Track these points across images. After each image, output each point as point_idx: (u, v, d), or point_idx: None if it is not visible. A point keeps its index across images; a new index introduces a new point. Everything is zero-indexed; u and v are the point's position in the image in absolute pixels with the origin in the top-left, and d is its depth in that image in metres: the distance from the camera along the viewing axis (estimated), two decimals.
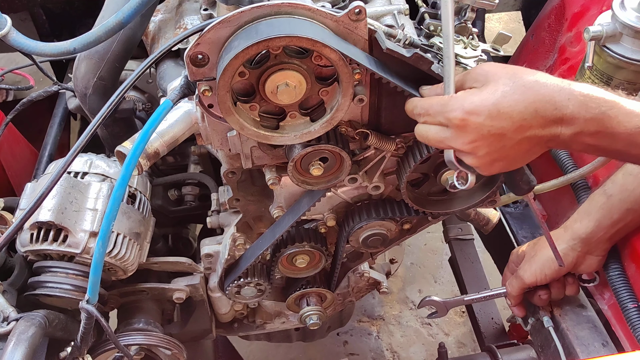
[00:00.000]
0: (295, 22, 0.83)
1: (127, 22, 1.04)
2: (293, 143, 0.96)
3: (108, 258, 1.13)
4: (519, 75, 0.84)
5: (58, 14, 1.85)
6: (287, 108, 0.92)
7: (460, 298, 1.31)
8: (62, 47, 1.08)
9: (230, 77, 0.83)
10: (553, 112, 0.83)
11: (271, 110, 0.93)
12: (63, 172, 0.92)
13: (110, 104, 0.92)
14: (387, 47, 0.88)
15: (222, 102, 0.86)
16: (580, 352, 1.28)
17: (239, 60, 0.81)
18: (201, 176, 1.42)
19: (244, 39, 0.81)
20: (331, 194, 1.14)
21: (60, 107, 1.76)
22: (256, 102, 0.90)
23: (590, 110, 0.83)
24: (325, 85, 0.91)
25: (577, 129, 0.84)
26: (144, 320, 1.32)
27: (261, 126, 0.92)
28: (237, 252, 1.26)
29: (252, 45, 0.79)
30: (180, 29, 1.28)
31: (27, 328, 1.01)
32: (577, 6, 1.62)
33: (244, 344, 2.11)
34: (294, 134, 0.93)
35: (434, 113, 0.88)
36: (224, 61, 0.81)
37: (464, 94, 0.86)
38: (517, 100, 0.83)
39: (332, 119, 0.92)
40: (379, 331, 2.43)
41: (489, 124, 0.83)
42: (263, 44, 0.80)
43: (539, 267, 1.24)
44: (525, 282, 1.27)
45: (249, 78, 0.87)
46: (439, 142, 0.90)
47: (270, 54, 0.85)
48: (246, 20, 0.83)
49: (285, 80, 0.87)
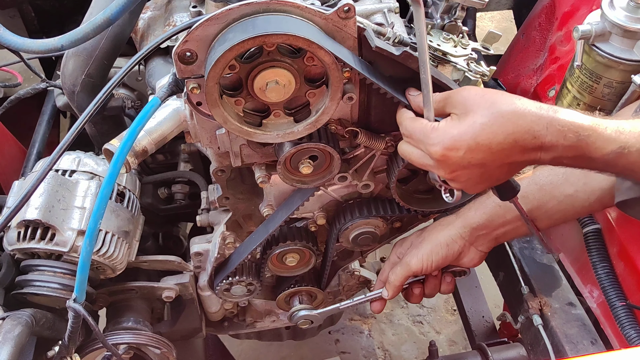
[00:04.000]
0: (292, 20, 0.82)
1: (115, 18, 1.03)
2: (275, 142, 0.96)
3: (96, 256, 1.12)
4: (497, 104, 0.85)
5: (47, 10, 1.84)
6: (272, 106, 0.92)
7: (336, 306, 1.29)
8: (50, 44, 1.07)
9: (221, 69, 0.82)
10: (532, 141, 0.84)
11: (256, 107, 0.92)
12: (49, 169, 0.91)
13: (97, 101, 0.92)
14: (376, 45, 0.88)
15: (210, 93, 0.84)
16: (569, 350, 1.29)
17: (233, 53, 0.80)
18: (191, 174, 1.42)
19: (240, 32, 0.80)
20: (321, 193, 1.14)
21: (49, 104, 1.75)
22: (242, 97, 0.89)
23: (569, 139, 0.84)
24: (313, 87, 0.90)
25: (556, 154, 0.86)
26: (133, 319, 1.31)
27: (244, 122, 0.91)
28: (227, 251, 1.26)
29: (249, 39, 0.79)
30: (169, 26, 1.27)
31: (14, 327, 1.00)
32: (567, 5, 1.63)
33: (235, 343, 2.10)
34: (277, 132, 0.92)
35: (416, 140, 0.91)
36: (217, 52, 0.80)
37: (444, 126, 0.87)
38: (495, 133, 0.84)
39: (316, 122, 0.92)
40: (371, 329, 2.43)
41: (468, 156, 0.85)
42: (260, 39, 0.79)
43: (426, 254, 1.17)
44: (412, 269, 1.18)
45: (239, 72, 0.86)
46: (422, 165, 0.93)
47: (263, 50, 0.85)
48: (234, 18, 0.82)
49: (275, 78, 0.86)
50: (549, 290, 1.43)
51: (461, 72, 1.03)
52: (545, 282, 1.45)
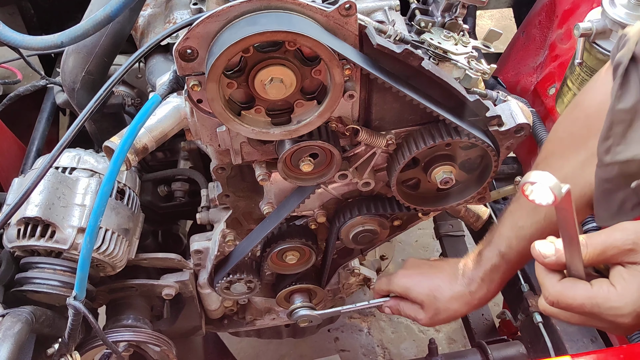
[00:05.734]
0: (294, 18, 0.82)
1: (115, 15, 1.03)
2: (247, 136, 0.95)
3: (96, 254, 1.12)
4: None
5: (46, 7, 1.84)
6: (257, 101, 0.91)
7: (337, 310, 1.29)
8: (50, 41, 1.07)
9: (226, 60, 0.81)
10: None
11: (241, 96, 0.91)
12: (49, 166, 0.91)
13: (98, 98, 0.91)
14: (377, 43, 0.88)
15: (217, 68, 0.82)
16: (569, 348, 1.29)
17: (241, 45, 0.79)
18: (191, 172, 1.41)
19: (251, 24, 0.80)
20: (321, 190, 1.14)
21: (49, 101, 1.74)
22: (237, 81, 0.88)
23: None
24: (303, 98, 0.91)
25: None
26: (132, 317, 1.31)
27: (227, 106, 0.89)
28: (226, 249, 1.26)
29: (261, 33, 0.78)
30: (170, 23, 1.27)
31: (14, 324, 1.00)
32: (568, 3, 1.63)
33: (234, 341, 2.10)
34: (252, 128, 0.91)
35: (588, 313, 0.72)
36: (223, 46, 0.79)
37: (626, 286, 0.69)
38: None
39: (294, 131, 0.92)
40: (370, 327, 2.43)
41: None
42: (267, 35, 0.79)
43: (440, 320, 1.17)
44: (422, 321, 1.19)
45: (249, 58, 0.85)
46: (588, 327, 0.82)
47: (282, 47, 0.84)
48: (235, 15, 0.82)
49: (282, 77, 0.86)
50: None
51: (462, 70, 1.03)
52: None
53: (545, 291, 0.76)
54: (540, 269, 0.77)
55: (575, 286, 0.72)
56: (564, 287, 0.73)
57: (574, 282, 0.73)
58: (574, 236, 0.68)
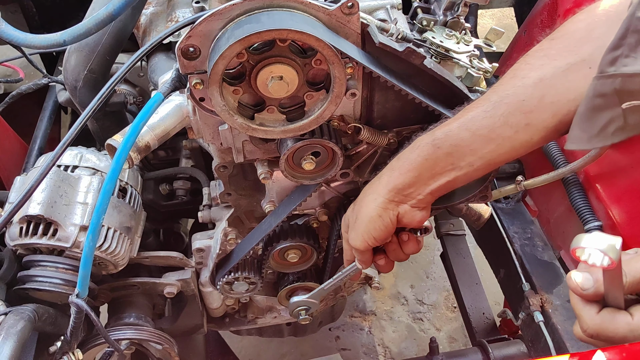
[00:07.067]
0: (297, 16, 0.82)
1: (117, 14, 1.04)
2: (276, 137, 0.95)
3: (98, 252, 1.12)
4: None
5: (48, 6, 1.84)
6: (267, 102, 0.91)
7: (321, 287, 1.28)
8: (52, 39, 1.07)
9: (230, 57, 0.81)
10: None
11: (251, 100, 0.91)
12: (52, 165, 0.91)
13: (100, 97, 0.91)
14: (379, 41, 0.88)
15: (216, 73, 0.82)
16: (570, 347, 1.29)
17: (243, 45, 0.79)
18: (193, 170, 1.42)
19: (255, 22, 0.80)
20: (323, 189, 1.14)
21: (51, 100, 1.75)
22: (241, 87, 0.88)
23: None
24: (312, 90, 0.90)
25: None
26: (134, 315, 1.32)
27: (239, 113, 0.90)
28: (228, 247, 1.26)
29: (264, 31, 0.78)
30: (172, 21, 1.27)
31: (16, 322, 1.00)
32: (569, 3, 1.62)
33: (236, 339, 2.11)
34: (240, 122, 0.90)
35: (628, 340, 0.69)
36: (227, 43, 0.79)
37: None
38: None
39: (315, 121, 0.92)
40: (371, 326, 2.43)
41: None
42: (270, 33, 0.79)
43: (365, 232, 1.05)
44: (360, 249, 1.08)
45: (245, 61, 0.85)
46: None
47: (275, 45, 0.84)
48: (238, 13, 0.82)
49: (281, 74, 0.86)
50: (550, 287, 1.43)
51: (464, 69, 1.03)
52: (546, 279, 1.45)
53: (584, 324, 0.71)
54: (576, 300, 0.73)
55: (616, 319, 0.69)
56: (603, 319, 0.69)
57: (614, 314, 0.69)
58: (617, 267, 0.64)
